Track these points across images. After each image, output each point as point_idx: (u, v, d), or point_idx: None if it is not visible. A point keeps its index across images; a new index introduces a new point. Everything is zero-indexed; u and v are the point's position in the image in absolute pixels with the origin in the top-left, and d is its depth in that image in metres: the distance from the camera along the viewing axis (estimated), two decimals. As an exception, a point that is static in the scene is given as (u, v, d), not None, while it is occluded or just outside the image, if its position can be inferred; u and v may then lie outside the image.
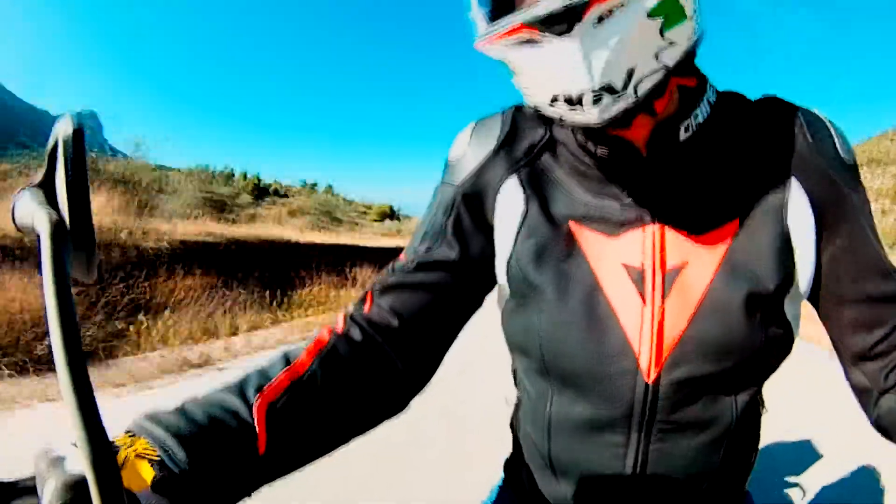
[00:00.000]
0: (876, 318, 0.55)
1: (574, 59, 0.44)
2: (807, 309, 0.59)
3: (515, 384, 0.71)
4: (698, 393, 0.55)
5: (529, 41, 0.45)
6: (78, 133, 0.31)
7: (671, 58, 0.48)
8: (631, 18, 0.44)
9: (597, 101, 0.46)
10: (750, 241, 0.54)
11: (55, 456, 0.35)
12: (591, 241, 0.57)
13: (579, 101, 0.47)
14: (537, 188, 0.60)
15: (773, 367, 0.57)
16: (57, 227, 0.30)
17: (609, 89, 0.46)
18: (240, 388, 0.49)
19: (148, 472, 0.39)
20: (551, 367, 0.59)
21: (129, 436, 0.43)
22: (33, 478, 0.35)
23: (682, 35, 0.48)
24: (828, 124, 0.56)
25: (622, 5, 0.43)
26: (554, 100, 0.48)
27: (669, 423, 0.56)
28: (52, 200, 0.32)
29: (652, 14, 0.45)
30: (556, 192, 0.59)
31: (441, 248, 0.61)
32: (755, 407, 0.60)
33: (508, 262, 0.60)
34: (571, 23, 0.42)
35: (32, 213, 0.31)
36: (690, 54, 0.51)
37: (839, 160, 0.55)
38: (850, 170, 0.55)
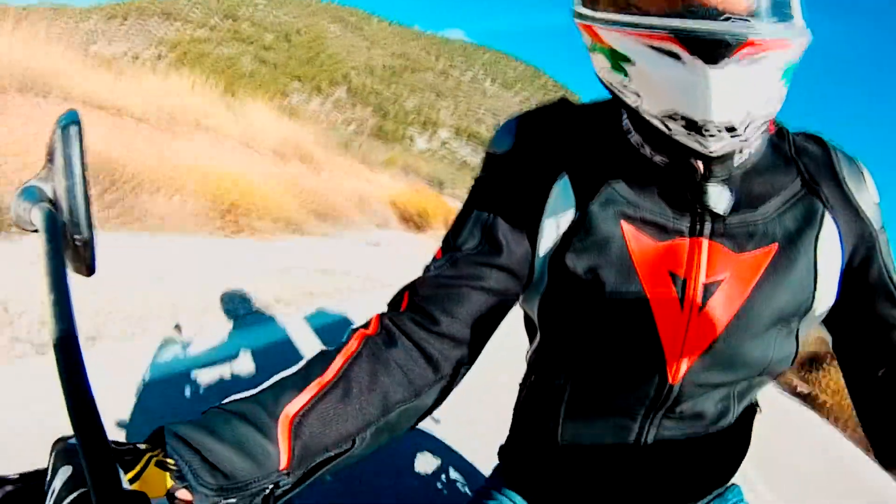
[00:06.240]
0: (885, 341, 0.59)
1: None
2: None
3: (529, 370, 0.73)
4: (709, 393, 0.61)
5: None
6: (76, 131, 0.31)
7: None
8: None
9: (715, 135, 0.47)
10: (784, 267, 0.57)
11: (69, 445, 0.35)
12: (640, 244, 0.57)
13: (698, 129, 0.47)
14: (589, 186, 0.59)
15: (776, 376, 0.63)
16: (55, 222, 0.31)
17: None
18: (267, 400, 0.48)
19: (167, 481, 0.39)
20: (579, 358, 0.62)
21: (151, 445, 0.42)
22: (46, 470, 0.35)
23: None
24: (862, 168, 0.61)
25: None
26: (671, 117, 0.48)
27: (675, 414, 0.61)
28: (50, 197, 0.32)
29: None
30: (609, 192, 0.58)
31: (484, 247, 0.59)
32: (752, 407, 0.68)
33: (552, 257, 0.60)
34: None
35: (31, 209, 0.31)
36: None
37: (869, 202, 0.60)
38: (878, 211, 0.60)
